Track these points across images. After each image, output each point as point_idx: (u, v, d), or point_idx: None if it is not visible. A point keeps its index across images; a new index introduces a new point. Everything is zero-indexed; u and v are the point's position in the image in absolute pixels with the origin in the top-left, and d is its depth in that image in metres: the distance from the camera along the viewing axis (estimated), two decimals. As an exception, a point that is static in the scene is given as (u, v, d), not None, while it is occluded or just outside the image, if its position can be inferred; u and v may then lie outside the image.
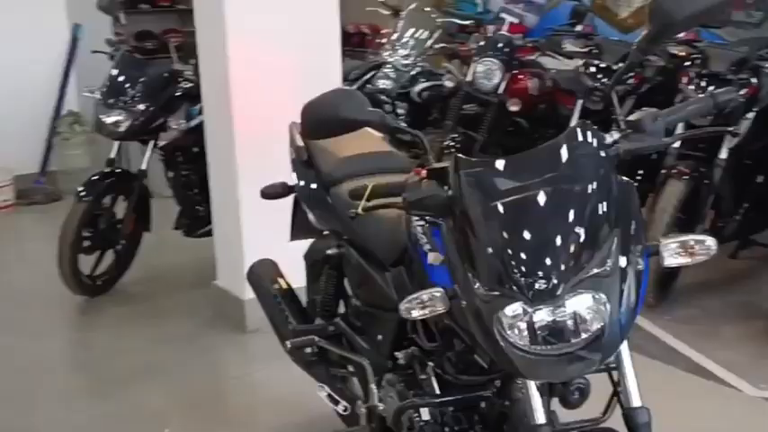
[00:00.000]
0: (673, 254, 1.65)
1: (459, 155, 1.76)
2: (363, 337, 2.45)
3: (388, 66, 5.43)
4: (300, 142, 2.73)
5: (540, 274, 1.55)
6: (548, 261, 1.55)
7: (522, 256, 1.57)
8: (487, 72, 5.06)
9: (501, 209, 1.62)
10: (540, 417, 1.72)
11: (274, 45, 3.63)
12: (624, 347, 1.70)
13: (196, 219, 4.35)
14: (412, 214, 1.91)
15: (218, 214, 3.94)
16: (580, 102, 4.66)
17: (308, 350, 2.60)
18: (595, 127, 1.73)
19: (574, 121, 4.67)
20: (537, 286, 1.54)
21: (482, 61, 5.07)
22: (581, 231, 1.57)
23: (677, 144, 3.95)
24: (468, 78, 5.12)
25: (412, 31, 5.71)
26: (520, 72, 5.22)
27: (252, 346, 3.72)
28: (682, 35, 4.39)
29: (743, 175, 4.20)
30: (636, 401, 1.72)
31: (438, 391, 2.07)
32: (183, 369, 3.53)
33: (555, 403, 1.90)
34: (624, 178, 1.71)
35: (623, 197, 1.66)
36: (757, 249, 4.36)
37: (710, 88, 3.93)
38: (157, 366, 3.56)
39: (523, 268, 1.56)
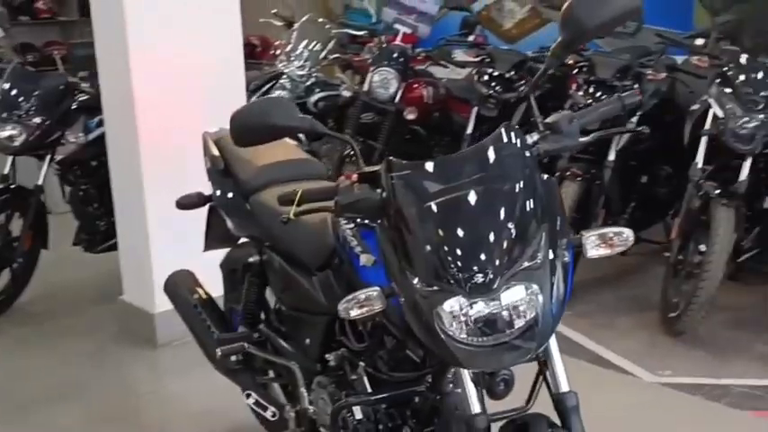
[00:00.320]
0: (594, 246, 1.77)
1: (392, 158, 1.82)
2: (290, 341, 2.48)
3: (284, 77, 5.46)
4: (216, 152, 2.74)
5: (476, 268, 1.63)
6: (483, 256, 1.64)
7: (459, 252, 1.65)
8: (384, 81, 5.16)
9: (435, 208, 1.70)
10: (476, 406, 1.80)
11: (177, 57, 3.61)
12: (552, 336, 1.80)
13: (96, 234, 4.27)
14: (345, 217, 1.96)
15: (124, 228, 3.87)
16: (475, 109, 4.83)
17: (234, 358, 2.61)
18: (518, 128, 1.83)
19: (470, 128, 4.85)
20: (474, 280, 1.62)
21: (378, 71, 5.17)
22: (512, 227, 1.66)
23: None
24: (366, 88, 5.21)
25: (305, 42, 5.77)
26: (415, 81, 5.36)
27: (164, 359, 3.68)
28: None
29: (629, 176, 4.46)
30: (564, 386, 1.83)
31: (370, 390, 2.13)
32: (92, 388, 3.45)
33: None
34: (546, 176, 1.82)
35: (547, 194, 1.76)
36: (644, 246, 4.61)
37: (598, 94, 4.17)
38: (65, 387, 3.46)
39: (460, 264, 1.64)
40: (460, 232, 1.67)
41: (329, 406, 2.24)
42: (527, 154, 1.78)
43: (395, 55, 5.21)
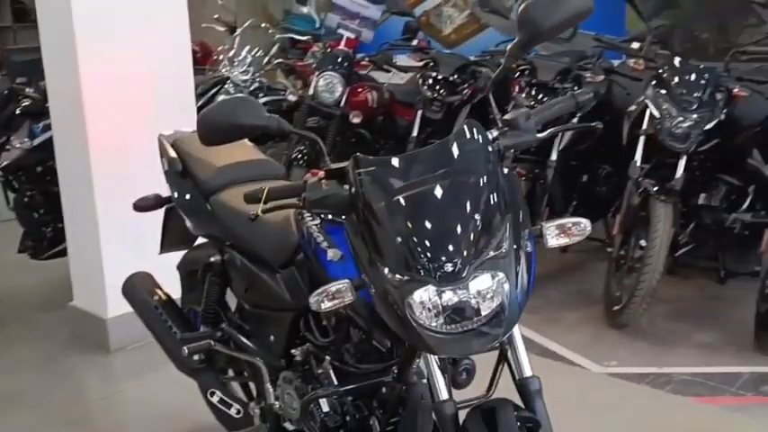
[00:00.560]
0: (554, 236, 1.84)
1: (359, 155, 1.88)
2: (253, 339, 2.51)
3: (229, 82, 5.47)
4: (173, 153, 2.76)
5: (445, 258, 1.69)
6: (451, 247, 1.70)
7: (428, 243, 1.70)
8: (329, 86, 5.22)
9: (403, 202, 1.75)
10: (444, 393, 1.86)
11: (126, 60, 3.61)
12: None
13: (42, 240, 4.22)
14: (312, 213, 2.00)
15: (73, 233, 3.84)
16: (420, 112, 4.92)
17: (197, 357, 2.63)
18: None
19: (415, 131, 4.94)
20: (444, 269, 1.67)
21: (323, 75, 5.23)
22: (478, 219, 1.73)
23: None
24: (311, 92, 5.26)
25: (248, 47, 5.79)
26: (359, 85, 5.43)
27: (118, 364, 3.66)
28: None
29: (571, 175, 4.60)
30: (527, 371, 1.90)
31: (336, 383, 2.18)
32: (45, 395, 3.42)
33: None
34: (507, 170, 1.90)
35: (510, 187, 1.84)
36: (585, 243, 4.74)
37: (540, 96, 4.30)
38: (17, 395, 3.41)
39: (429, 254, 1.69)
40: (429, 224, 1.72)
41: (296, 400, 2.28)
42: (489, 149, 1.85)
43: (339, 59, 5.28)
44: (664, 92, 3.96)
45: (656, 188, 3.85)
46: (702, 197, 4.29)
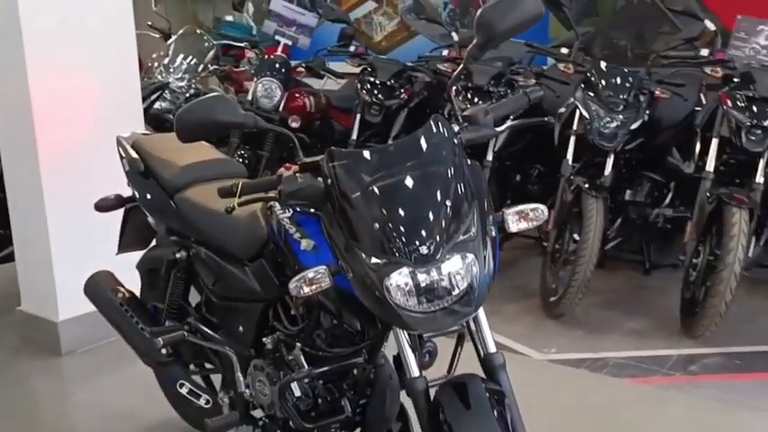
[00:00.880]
0: (515, 221, 2.00)
1: (333, 148, 2.00)
2: (221, 331, 2.59)
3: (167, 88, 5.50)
4: (134, 154, 2.82)
5: (420, 242, 1.82)
6: (424, 231, 1.83)
7: (403, 228, 1.83)
8: (268, 91, 5.32)
9: (378, 191, 1.87)
10: (415, 370, 1.98)
11: (74, 67, 3.64)
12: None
13: (-14, 246, 4.18)
14: (286, 205, 2.10)
15: (21, 237, 3.83)
16: (358, 116, 5.06)
17: (164, 351, 2.69)
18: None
19: (354, 135, 5.08)
20: (419, 252, 1.81)
21: (261, 81, 5.33)
22: (448, 205, 1.87)
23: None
24: (249, 98, 5.35)
25: (182, 54, 5.83)
26: (296, 90, 5.55)
27: (70, 367, 3.67)
28: (446, 53, 4.96)
29: (505, 175, 4.81)
30: (492, 347, 2.05)
31: (307, 368, 2.28)
32: (-4, 400, 3.42)
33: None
34: (470, 161, 2.05)
35: (474, 177, 1.99)
36: (519, 240, 4.98)
37: (475, 99, 4.49)
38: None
39: (405, 238, 1.82)
40: (403, 211, 1.85)
41: (267, 387, 2.37)
42: (455, 141, 2.00)
43: (277, 65, 5.38)
44: (592, 94, 4.20)
45: (587, 185, 4.08)
46: (628, 193, 4.57)
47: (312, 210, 2.06)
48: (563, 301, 4.03)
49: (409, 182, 1.89)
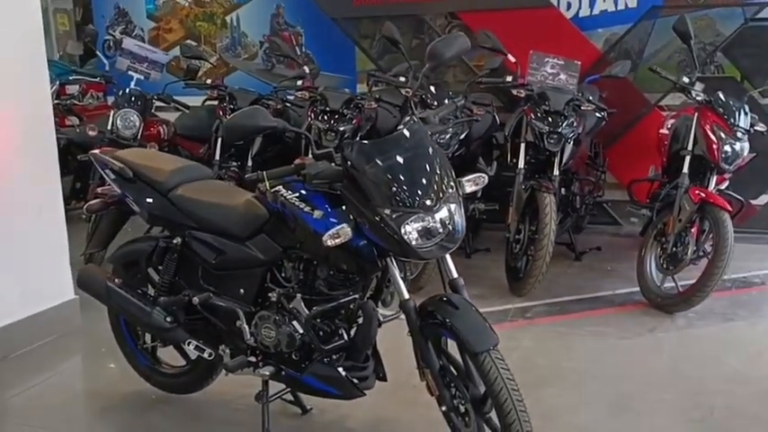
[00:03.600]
0: (469, 186, 2.91)
1: (346, 140, 2.81)
2: (221, 297, 3.22)
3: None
4: (119, 164, 3.39)
5: (425, 196, 2.65)
6: (427, 189, 2.67)
7: (412, 188, 2.65)
8: (127, 122, 5.84)
9: (386, 164, 2.67)
10: (406, 293, 2.80)
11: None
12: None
13: None
14: (312, 185, 2.82)
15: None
16: (220, 139, 5.70)
17: (168, 319, 3.28)
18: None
19: (218, 155, 5.73)
20: (426, 203, 2.67)
21: (120, 113, 5.84)
22: (438, 172, 2.71)
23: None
24: (109, 127, 5.83)
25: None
26: (151, 121, 6.11)
27: (2, 373, 3.92)
28: (300, 82, 5.77)
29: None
30: (454, 273, 2.89)
31: (307, 312, 3.00)
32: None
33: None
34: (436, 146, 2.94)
35: (442, 157, 2.89)
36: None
37: (331, 121, 5.32)
38: None
39: (416, 195, 2.64)
40: (408, 176, 2.67)
41: (273, 331, 3.07)
42: (428, 133, 2.89)
43: (134, 98, 5.92)
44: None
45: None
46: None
47: (320, 188, 2.84)
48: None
49: (408, 158, 2.71)
